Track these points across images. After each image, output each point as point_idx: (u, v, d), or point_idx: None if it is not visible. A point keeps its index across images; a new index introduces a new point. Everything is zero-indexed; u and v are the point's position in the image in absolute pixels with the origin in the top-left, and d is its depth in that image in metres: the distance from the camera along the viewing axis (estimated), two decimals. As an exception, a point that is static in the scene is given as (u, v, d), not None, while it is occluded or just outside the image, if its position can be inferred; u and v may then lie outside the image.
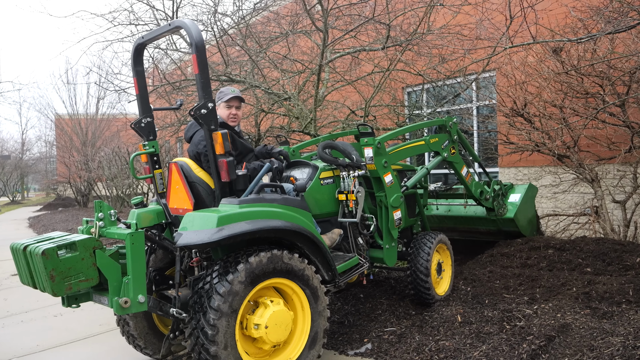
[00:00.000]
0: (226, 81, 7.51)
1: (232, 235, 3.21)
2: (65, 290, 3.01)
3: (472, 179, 5.51)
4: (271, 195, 3.71)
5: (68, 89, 25.04)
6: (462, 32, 7.21)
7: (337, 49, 7.94)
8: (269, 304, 3.44)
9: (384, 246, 4.55)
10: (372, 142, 4.42)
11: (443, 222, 6.27)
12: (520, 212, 5.85)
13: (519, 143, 6.94)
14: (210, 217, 3.27)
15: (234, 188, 3.63)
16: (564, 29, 6.14)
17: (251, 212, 3.40)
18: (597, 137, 6.42)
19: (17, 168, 36.36)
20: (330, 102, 8.79)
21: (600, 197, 6.28)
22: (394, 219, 4.54)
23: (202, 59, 3.39)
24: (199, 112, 3.41)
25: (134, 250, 3.13)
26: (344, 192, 4.35)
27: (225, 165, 3.48)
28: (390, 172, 4.56)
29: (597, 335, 3.70)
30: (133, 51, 3.95)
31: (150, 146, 3.98)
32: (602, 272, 4.99)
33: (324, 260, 3.86)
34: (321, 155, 4.45)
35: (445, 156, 5.20)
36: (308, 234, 3.68)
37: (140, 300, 3.15)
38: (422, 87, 8.60)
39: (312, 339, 3.66)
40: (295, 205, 3.78)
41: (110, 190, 17.69)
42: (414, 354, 4.00)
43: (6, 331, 5.46)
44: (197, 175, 3.78)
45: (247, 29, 7.51)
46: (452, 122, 5.31)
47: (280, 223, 3.51)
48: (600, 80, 5.84)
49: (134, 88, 4.05)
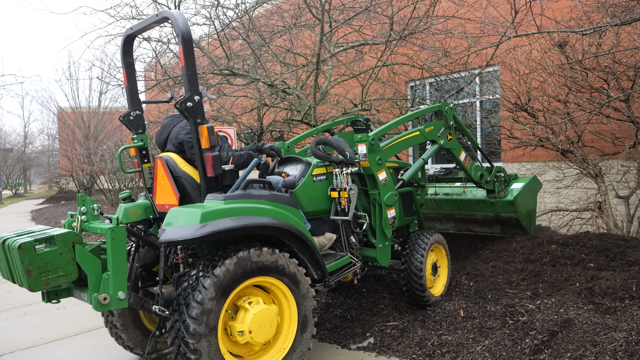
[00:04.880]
0: (229, 75, 7.48)
1: (215, 232, 3.13)
2: (42, 285, 2.93)
3: (471, 162, 5.36)
4: (259, 192, 3.61)
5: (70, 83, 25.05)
6: (466, 25, 7.17)
7: (341, 42, 7.90)
8: (247, 307, 3.34)
9: (377, 245, 4.42)
10: (366, 139, 4.28)
11: (440, 206, 6.20)
12: (520, 197, 5.74)
13: (522, 138, 6.91)
14: (193, 213, 3.18)
15: (221, 183, 3.55)
16: (569, 22, 6.09)
17: (236, 208, 3.32)
18: (601, 132, 6.40)
19: (19, 161, 36.40)
20: (332, 94, 8.76)
21: (603, 193, 6.26)
22: (388, 217, 4.41)
23: (188, 50, 3.31)
24: (185, 105, 3.32)
25: (114, 246, 3.03)
26: (336, 190, 4.25)
27: (211, 159, 3.39)
28: (385, 169, 4.42)
29: (600, 331, 3.69)
30: (122, 43, 3.88)
31: (139, 140, 3.94)
32: (606, 267, 4.98)
33: (312, 258, 3.77)
34: (314, 152, 4.35)
35: (442, 144, 5.02)
36: (296, 232, 3.59)
37: (120, 297, 3.04)
38: (425, 81, 8.57)
39: (302, 322, 3.59)
40: (284, 202, 3.68)
41: (113, 184, 17.71)
42: (416, 348, 4.01)
43: (9, 324, 5.48)
44: (182, 169, 3.70)
45: (250, 23, 7.48)
46: (447, 107, 5.10)
47: (266, 220, 3.41)
48: (605, 75, 5.81)
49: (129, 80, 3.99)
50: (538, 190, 6.21)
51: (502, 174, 5.78)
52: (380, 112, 8.38)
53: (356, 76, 8.08)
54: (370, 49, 7.94)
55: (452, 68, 7.79)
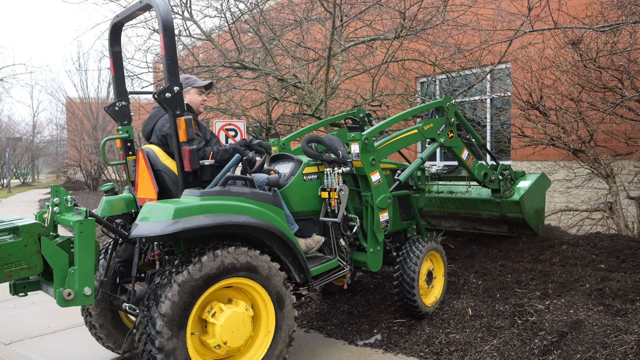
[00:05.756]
0: (239, 68, 7.46)
1: (187, 229, 2.99)
2: (4, 277, 2.81)
3: (474, 161, 5.09)
4: (239, 189, 3.43)
5: (80, 73, 25.10)
6: (479, 22, 7.09)
7: (352, 37, 7.85)
8: (212, 320, 3.15)
9: (368, 250, 4.18)
10: (359, 137, 4.03)
11: (445, 204, 6.04)
12: (527, 197, 5.49)
13: (533, 136, 6.84)
14: (167, 209, 3.05)
15: (200, 179, 3.41)
16: (584, 20, 6.01)
17: (212, 205, 3.16)
18: (614, 132, 6.32)
19: (28, 150, 36.67)
20: (342, 89, 8.72)
21: (615, 193, 6.20)
22: (380, 221, 4.16)
23: (169, 39, 3.20)
24: (163, 95, 3.19)
25: (82, 239, 2.88)
26: (326, 190, 4.06)
27: (188, 153, 3.25)
28: (379, 170, 4.17)
29: (611, 333, 3.66)
30: (110, 31, 3.79)
31: (124, 131, 3.82)
32: (616, 268, 4.93)
33: (295, 261, 3.60)
34: (304, 149, 4.17)
35: (442, 142, 4.73)
36: (277, 232, 3.41)
37: (86, 293, 2.90)
38: (435, 77, 8.50)
39: (277, 300, 3.40)
40: (266, 201, 3.50)
41: (120, 175, 17.77)
42: (423, 346, 3.99)
43: (18, 312, 5.52)
44: (163, 163, 3.55)
45: (260, 15, 7.45)
46: (449, 103, 4.80)
47: (244, 219, 3.24)
48: (619, 74, 5.73)
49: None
50: (547, 187, 5.99)
51: (508, 171, 5.55)
52: (390, 108, 8.34)
53: (367, 71, 8.04)
54: (381, 44, 7.89)
55: (463, 64, 7.73)
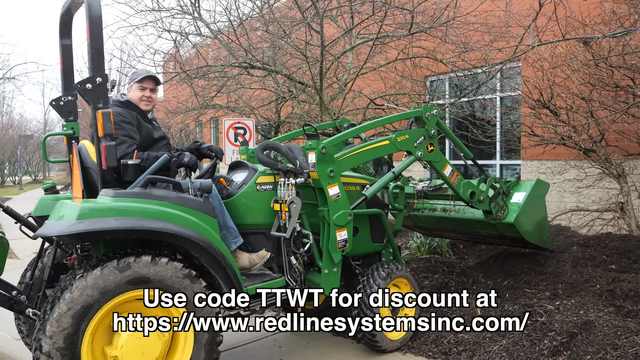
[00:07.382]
0: (247, 67, 7.47)
1: (90, 231, 2.79)
2: None
3: (459, 178, 4.49)
4: (163, 192, 3.18)
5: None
6: (489, 20, 7.05)
7: (362, 34, 7.84)
8: (115, 337, 2.91)
9: (323, 270, 3.77)
10: (316, 146, 3.64)
11: (442, 223, 5.39)
12: (523, 215, 4.80)
13: (543, 135, 6.79)
14: (73, 208, 2.86)
15: (122, 178, 3.22)
16: (595, 19, 5.96)
17: (124, 207, 2.94)
18: (626, 132, 6.26)
19: (39, 148, 36.99)
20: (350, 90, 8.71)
21: (626, 193, 6.14)
22: (337, 239, 3.74)
23: (95, 26, 2.99)
24: (83, 86, 2.95)
25: None
26: (279, 202, 3.69)
27: (104, 150, 3.00)
28: (338, 183, 3.75)
29: (621, 334, 3.63)
30: (59, 23, 3.68)
31: (68, 127, 3.62)
32: (627, 269, 4.89)
33: (226, 276, 3.27)
34: (259, 157, 3.81)
35: (419, 155, 4.19)
36: (202, 243, 3.11)
37: None
38: (445, 75, 8.47)
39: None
40: (195, 208, 3.21)
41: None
42: (432, 345, 3.99)
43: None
44: (92, 160, 3.32)
45: (270, 14, 7.45)
46: (429, 113, 4.26)
47: (160, 225, 2.97)
48: (632, 73, 5.67)
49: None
50: (545, 193, 5.27)
51: (499, 185, 4.81)
52: (397, 107, 8.31)
53: (377, 69, 8.02)
54: (390, 41, 7.87)
55: (473, 63, 7.68)
